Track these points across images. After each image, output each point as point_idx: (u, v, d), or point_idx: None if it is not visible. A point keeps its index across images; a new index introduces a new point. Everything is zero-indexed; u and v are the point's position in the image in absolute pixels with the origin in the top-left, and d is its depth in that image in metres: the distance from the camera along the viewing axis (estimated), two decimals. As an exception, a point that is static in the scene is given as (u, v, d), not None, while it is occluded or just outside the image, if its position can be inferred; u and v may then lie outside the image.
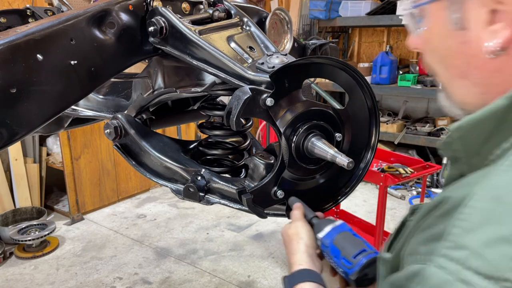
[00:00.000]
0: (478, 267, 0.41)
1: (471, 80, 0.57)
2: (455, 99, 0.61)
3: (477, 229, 0.42)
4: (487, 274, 0.40)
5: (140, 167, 1.15)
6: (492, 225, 0.42)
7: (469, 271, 0.41)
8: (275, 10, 1.33)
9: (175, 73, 1.20)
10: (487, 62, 0.53)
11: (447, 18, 0.56)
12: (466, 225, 0.43)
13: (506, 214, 0.41)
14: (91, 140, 3.68)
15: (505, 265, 0.40)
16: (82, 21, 0.95)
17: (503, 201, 0.42)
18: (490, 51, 0.52)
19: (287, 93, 0.92)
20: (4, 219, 3.29)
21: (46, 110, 0.91)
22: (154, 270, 2.96)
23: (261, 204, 0.95)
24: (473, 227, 0.42)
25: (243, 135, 1.24)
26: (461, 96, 0.60)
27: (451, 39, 0.57)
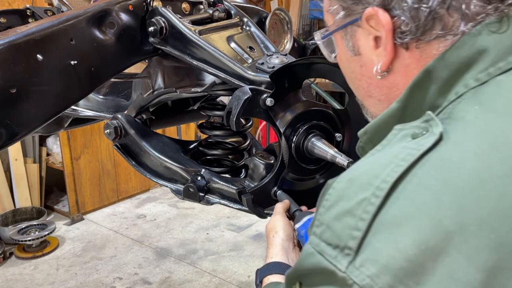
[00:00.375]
0: (329, 239, 0.47)
1: (376, 98, 0.65)
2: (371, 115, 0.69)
3: (332, 206, 0.48)
4: (335, 243, 0.46)
5: (140, 167, 1.15)
6: (342, 201, 0.47)
7: (324, 243, 0.47)
8: (275, 10, 1.34)
9: (175, 73, 1.20)
10: (382, 81, 0.61)
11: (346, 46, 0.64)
12: (327, 204, 0.49)
13: (354, 191, 0.47)
14: (91, 140, 3.68)
15: (346, 234, 0.45)
16: (82, 21, 0.95)
17: (354, 181, 0.48)
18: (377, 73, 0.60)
19: (287, 93, 0.92)
20: (4, 219, 3.29)
21: (46, 110, 0.91)
22: (154, 270, 2.96)
23: (261, 204, 0.95)
24: (330, 205, 0.49)
25: (243, 135, 1.24)
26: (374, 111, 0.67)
27: (353, 63, 0.65)
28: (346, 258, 0.44)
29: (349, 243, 0.45)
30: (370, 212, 0.44)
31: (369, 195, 0.45)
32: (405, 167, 0.45)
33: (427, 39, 0.55)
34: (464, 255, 0.41)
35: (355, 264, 0.44)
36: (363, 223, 0.44)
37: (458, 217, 0.42)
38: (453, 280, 0.41)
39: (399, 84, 0.60)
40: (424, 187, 0.44)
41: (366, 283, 0.42)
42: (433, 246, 0.41)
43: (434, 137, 0.47)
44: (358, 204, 0.46)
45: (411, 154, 0.47)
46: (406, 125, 0.52)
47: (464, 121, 0.49)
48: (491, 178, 0.44)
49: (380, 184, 0.45)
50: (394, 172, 0.45)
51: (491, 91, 0.50)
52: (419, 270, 0.41)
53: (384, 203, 0.44)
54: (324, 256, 0.47)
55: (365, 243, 0.44)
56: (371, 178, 0.47)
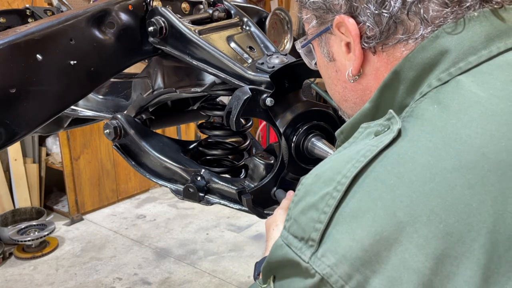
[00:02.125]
0: (295, 231, 0.50)
1: (351, 101, 0.68)
2: (348, 117, 0.71)
3: (300, 201, 0.52)
4: (300, 236, 0.49)
5: (140, 167, 1.15)
6: (308, 196, 0.50)
7: (291, 235, 0.50)
8: (275, 10, 1.33)
9: (175, 73, 1.20)
10: (356, 85, 0.64)
11: (322, 53, 0.67)
12: (296, 199, 0.52)
13: (319, 186, 0.50)
14: (91, 140, 3.68)
15: (310, 227, 0.48)
16: (82, 21, 0.94)
17: (320, 176, 0.51)
18: (349, 77, 0.63)
19: (287, 93, 0.92)
20: (4, 219, 3.29)
21: (46, 110, 0.91)
22: (153, 270, 2.95)
23: (261, 205, 0.95)
24: (299, 200, 0.52)
25: (243, 135, 1.24)
26: (350, 114, 0.70)
27: (329, 69, 0.68)
28: (309, 250, 0.47)
29: (312, 235, 0.48)
30: (331, 205, 0.47)
31: (331, 189, 0.48)
32: (364, 162, 0.48)
33: (391, 43, 0.58)
34: (415, 244, 0.43)
35: (317, 254, 0.47)
36: (325, 216, 0.47)
37: (409, 209, 0.44)
38: (405, 268, 0.43)
39: (372, 87, 0.63)
40: (380, 181, 0.47)
41: (326, 272, 0.45)
42: (386, 236, 0.44)
43: (392, 134, 0.50)
44: (321, 198, 0.49)
45: (370, 150, 0.49)
46: (371, 123, 0.55)
47: (422, 118, 0.51)
48: (441, 172, 0.46)
49: (341, 179, 0.48)
50: (354, 168, 0.48)
51: (450, 91, 0.52)
52: (374, 259, 0.44)
53: (344, 197, 0.47)
54: (291, 248, 0.50)
55: (326, 234, 0.47)
56: (334, 174, 0.50)
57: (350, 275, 0.44)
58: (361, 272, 0.44)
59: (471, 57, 0.53)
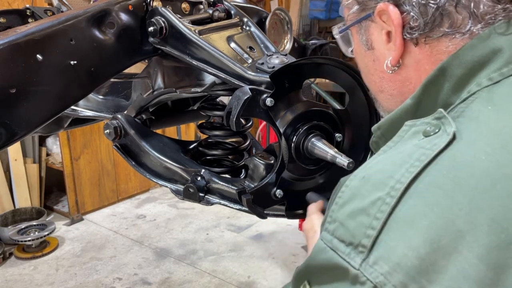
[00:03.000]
0: (342, 236, 0.48)
1: (388, 92, 0.66)
2: (384, 109, 0.70)
3: (345, 204, 0.49)
4: (348, 241, 0.47)
5: (140, 168, 1.15)
6: (356, 199, 0.48)
7: (337, 239, 0.48)
8: (275, 10, 1.33)
9: (175, 73, 1.20)
10: (395, 76, 0.63)
11: (360, 40, 0.66)
12: (340, 201, 0.50)
13: (368, 190, 0.48)
14: (91, 140, 3.68)
15: (361, 232, 0.46)
16: (82, 21, 0.94)
17: (368, 179, 0.49)
18: (388, 67, 0.62)
19: (287, 94, 0.92)
20: (4, 219, 3.29)
21: (46, 110, 0.91)
22: (153, 270, 2.95)
23: (261, 205, 0.95)
24: (344, 203, 0.50)
25: (243, 135, 1.24)
26: (386, 106, 0.69)
27: (366, 58, 0.67)
28: (359, 256, 0.45)
29: (363, 241, 0.45)
30: (385, 211, 0.45)
31: (384, 194, 0.46)
32: (420, 167, 0.46)
33: (435, 35, 0.56)
34: (475, 254, 0.41)
35: (368, 261, 0.44)
36: (377, 222, 0.45)
37: (469, 217, 0.42)
38: (465, 278, 0.41)
39: (412, 79, 0.61)
40: (437, 186, 0.45)
41: (379, 281, 0.43)
42: (444, 244, 0.42)
43: (448, 137, 0.47)
44: (372, 203, 0.46)
45: (425, 154, 0.47)
46: (417, 121, 0.52)
47: (477, 121, 0.49)
48: (502, 178, 0.44)
49: (395, 184, 0.46)
50: (409, 173, 0.46)
51: (504, 92, 0.50)
52: (431, 268, 0.42)
53: (398, 203, 0.45)
54: (337, 253, 0.47)
55: (378, 241, 0.45)
56: (385, 178, 0.47)
57: (405, 285, 0.42)
58: (417, 282, 0.42)
59: None
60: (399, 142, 0.52)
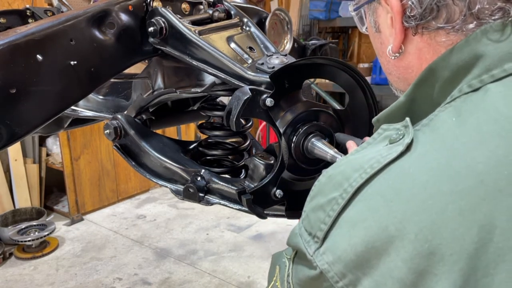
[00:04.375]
0: (306, 225, 0.56)
1: (395, 75, 0.67)
2: (395, 89, 0.72)
3: (313, 198, 0.56)
4: (309, 231, 0.55)
5: (140, 168, 1.15)
6: (319, 195, 0.55)
7: (303, 228, 0.56)
8: (275, 11, 1.33)
9: (175, 74, 1.20)
10: (398, 61, 0.64)
11: (370, 21, 0.66)
12: (311, 194, 0.57)
13: (329, 189, 0.54)
14: (91, 140, 3.68)
15: (317, 225, 0.53)
16: (82, 21, 0.94)
17: (332, 178, 0.55)
18: (390, 54, 0.63)
19: (287, 94, 0.92)
20: (4, 219, 3.29)
21: (46, 110, 0.91)
22: (154, 270, 2.96)
23: (261, 205, 0.95)
24: (313, 196, 0.57)
25: (243, 135, 1.24)
26: (396, 87, 0.70)
27: (375, 39, 0.67)
28: (314, 245, 0.53)
29: (318, 233, 0.53)
30: (335, 210, 0.52)
31: (338, 195, 0.52)
32: (370, 174, 0.51)
33: (431, 28, 0.56)
34: (401, 258, 0.46)
35: (319, 251, 0.53)
36: (329, 219, 0.52)
37: (400, 225, 0.47)
38: (390, 276, 0.47)
39: (414, 66, 0.62)
40: (380, 194, 0.50)
41: (324, 268, 0.51)
42: (377, 246, 0.48)
43: (401, 148, 0.51)
44: (328, 201, 0.53)
45: (378, 161, 0.51)
46: (390, 126, 0.56)
47: (437, 132, 0.51)
48: (436, 194, 0.47)
49: (347, 187, 0.52)
50: (360, 178, 0.51)
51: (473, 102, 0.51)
52: (365, 264, 0.48)
53: (347, 204, 0.51)
54: (302, 239, 0.56)
55: (329, 235, 0.52)
56: (343, 180, 0.53)
57: (344, 274, 0.50)
58: (353, 273, 0.49)
59: (507, 64, 0.50)
60: (371, 144, 0.56)
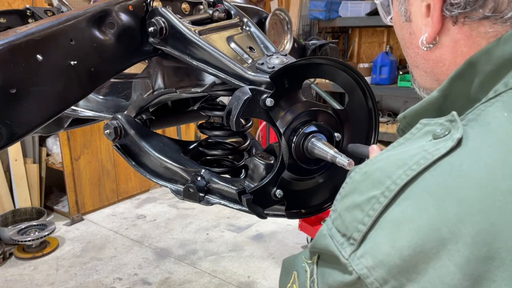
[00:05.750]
0: (339, 226, 0.51)
1: (422, 69, 0.63)
2: (418, 85, 0.68)
3: (346, 196, 0.52)
4: (342, 232, 0.50)
5: (140, 168, 1.15)
6: (355, 194, 0.50)
7: (335, 228, 0.51)
8: (275, 11, 1.33)
9: (175, 74, 1.20)
10: (429, 53, 0.60)
11: (399, 10, 0.62)
12: (343, 192, 0.53)
13: (366, 186, 0.49)
14: (91, 140, 3.68)
15: (353, 226, 0.49)
16: (82, 21, 0.94)
17: (369, 175, 0.50)
18: (423, 44, 0.59)
19: (287, 94, 0.92)
20: (4, 219, 3.29)
21: (46, 110, 0.91)
22: (154, 270, 2.96)
23: (261, 205, 0.95)
24: (345, 195, 0.52)
25: (243, 135, 1.24)
26: (420, 82, 0.67)
27: (403, 29, 0.64)
28: (350, 247, 0.48)
29: (354, 234, 0.48)
30: (376, 210, 0.47)
31: (379, 193, 0.48)
32: (416, 171, 0.46)
33: (475, 17, 0.52)
34: (455, 262, 0.42)
35: (356, 254, 0.48)
36: (369, 219, 0.47)
37: (454, 227, 0.43)
38: (441, 283, 0.43)
39: (446, 60, 0.58)
40: (429, 192, 0.45)
41: (363, 273, 0.47)
42: (427, 250, 0.43)
43: (451, 143, 0.47)
44: (367, 200, 0.48)
45: (425, 158, 0.47)
46: (431, 121, 0.51)
47: (487, 127, 0.47)
48: (494, 193, 0.43)
49: (390, 185, 0.47)
50: (405, 175, 0.47)
51: None
52: (412, 269, 0.44)
53: (390, 203, 0.47)
54: (333, 241, 0.51)
55: (368, 237, 0.47)
56: (383, 177, 0.48)
57: (386, 280, 0.45)
58: (396, 279, 0.45)
59: None
60: (410, 139, 0.52)
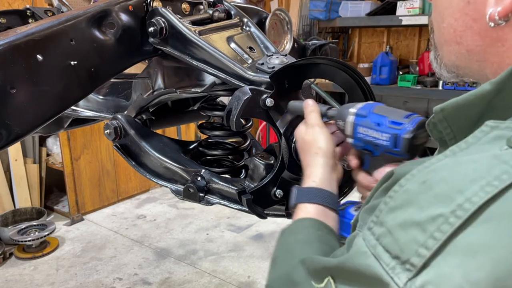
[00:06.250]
0: (388, 245, 0.42)
1: (466, 47, 0.54)
2: (446, 62, 0.59)
3: (398, 209, 0.43)
4: (395, 254, 0.41)
5: (140, 168, 1.15)
6: (411, 208, 0.41)
7: (382, 247, 0.42)
8: (275, 11, 1.34)
9: (175, 74, 1.20)
10: (488, 30, 0.50)
11: None
12: (392, 203, 0.44)
13: (428, 201, 0.41)
14: (91, 140, 3.68)
15: (412, 249, 0.40)
16: (82, 21, 0.95)
17: (430, 187, 0.41)
18: (492, 18, 0.49)
19: (287, 94, 0.92)
20: (4, 219, 3.29)
21: (46, 110, 0.91)
22: (154, 270, 2.96)
23: (261, 205, 0.95)
24: (396, 207, 0.43)
25: (243, 135, 1.24)
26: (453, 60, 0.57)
27: None
28: (405, 273, 0.40)
29: (413, 259, 0.40)
30: (445, 232, 0.38)
31: (448, 212, 0.39)
32: (499, 189, 0.38)
33: None
34: None
35: (415, 282, 0.39)
36: (434, 242, 0.39)
37: None
38: None
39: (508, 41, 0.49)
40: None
41: None
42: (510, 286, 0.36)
43: None
44: (432, 219, 0.39)
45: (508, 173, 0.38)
46: (502, 124, 0.43)
47: None
48: None
49: (464, 203, 0.38)
50: (484, 193, 0.38)
51: None
52: None
53: (464, 226, 0.38)
54: (380, 262, 0.42)
55: (431, 263, 0.39)
56: (452, 191, 0.39)
57: None
58: None
59: None
60: (474, 144, 0.43)
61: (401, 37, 4.68)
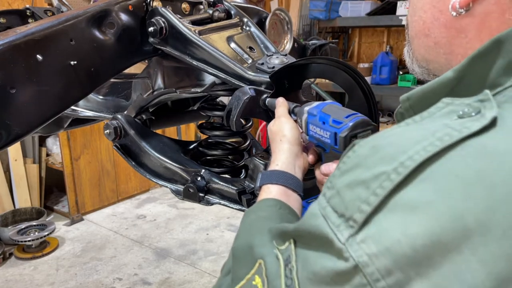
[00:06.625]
0: (336, 205, 0.44)
1: (433, 39, 0.57)
2: (416, 56, 0.61)
3: (347, 172, 0.45)
4: (340, 212, 0.43)
5: (140, 168, 1.15)
6: (359, 169, 0.43)
7: (330, 208, 0.44)
8: (275, 11, 1.34)
9: (175, 74, 1.20)
10: (452, 21, 0.53)
11: None
12: (343, 167, 0.45)
13: (374, 161, 0.42)
14: (91, 140, 3.68)
15: (355, 205, 0.42)
16: (82, 21, 0.95)
17: (378, 150, 0.43)
18: (454, 8, 0.52)
19: (287, 94, 0.92)
20: (4, 219, 3.29)
21: (46, 110, 0.91)
22: (154, 270, 2.95)
23: (261, 205, 0.95)
24: (346, 170, 0.45)
25: (243, 135, 1.24)
26: (423, 54, 0.60)
27: None
28: (348, 230, 0.41)
29: (356, 215, 0.41)
30: (386, 188, 0.40)
31: (390, 169, 0.40)
32: (439, 147, 0.40)
33: None
34: (479, 258, 0.36)
35: (356, 238, 0.41)
36: (375, 198, 0.40)
37: (483, 216, 0.37)
38: (458, 280, 0.37)
39: (470, 32, 0.52)
40: (455, 174, 0.38)
41: (362, 260, 0.40)
42: (446, 240, 0.37)
43: (484, 122, 0.40)
44: (375, 176, 0.41)
45: (450, 134, 0.40)
46: (456, 100, 0.45)
47: None
48: None
49: (406, 160, 0.40)
50: (424, 151, 0.40)
51: None
52: (424, 262, 0.37)
53: (404, 183, 0.40)
54: (327, 222, 0.44)
55: (372, 219, 0.40)
56: (396, 152, 0.41)
57: (390, 271, 0.38)
58: (403, 271, 0.38)
59: None
60: (428, 118, 0.46)
61: (401, 37, 4.68)
